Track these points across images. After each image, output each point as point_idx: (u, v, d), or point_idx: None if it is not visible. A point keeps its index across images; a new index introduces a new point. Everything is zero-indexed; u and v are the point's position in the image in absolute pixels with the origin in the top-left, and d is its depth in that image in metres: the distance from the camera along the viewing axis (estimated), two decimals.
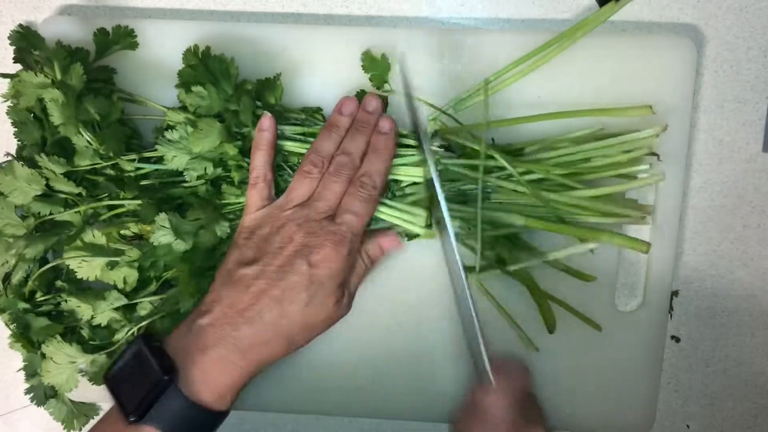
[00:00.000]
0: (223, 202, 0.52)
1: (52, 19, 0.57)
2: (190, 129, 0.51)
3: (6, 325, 0.54)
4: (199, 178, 0.51)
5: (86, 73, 0.51)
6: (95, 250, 0.52)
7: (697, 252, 0.57)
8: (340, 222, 0.48)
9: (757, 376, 0.57)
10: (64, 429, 0.57)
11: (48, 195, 0.52)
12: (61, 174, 0.51)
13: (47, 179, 0.51)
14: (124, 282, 0.52)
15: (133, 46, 0.54)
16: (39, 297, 0.54)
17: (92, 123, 0.51)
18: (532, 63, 0.51)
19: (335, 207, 0.49)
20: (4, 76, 0.52)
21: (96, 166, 0.52)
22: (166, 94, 0.54)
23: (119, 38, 0.54)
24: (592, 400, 0.57)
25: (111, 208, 0.53)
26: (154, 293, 0.53)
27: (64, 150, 0.52)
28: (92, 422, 0.59)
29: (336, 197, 0.49)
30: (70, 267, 0.52)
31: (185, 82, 0.51)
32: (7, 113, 0.52)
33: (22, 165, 0.51)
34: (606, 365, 0.56)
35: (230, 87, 0.50)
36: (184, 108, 0.52)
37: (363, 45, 0.54)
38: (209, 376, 0.45)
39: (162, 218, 0.49)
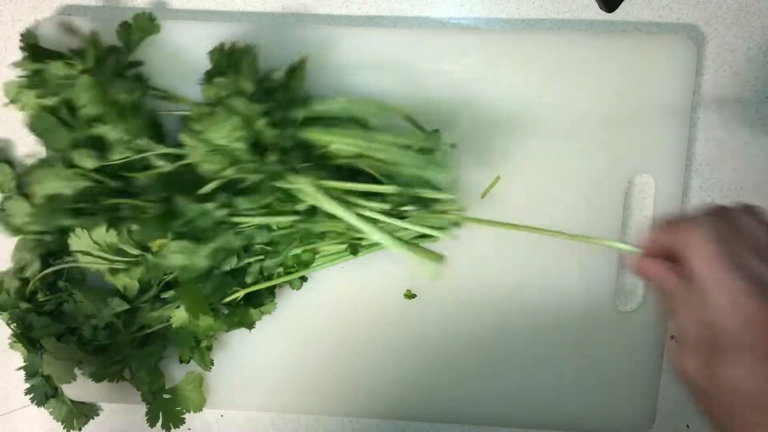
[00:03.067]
0: (236, 220, 0.50)
1: (52, 19, 0.57)
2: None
3: (6, 324, 0.54)
4: (215, 178, 0.49)
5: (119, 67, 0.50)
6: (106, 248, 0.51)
7: None
8: None
9: None
10: (64, 429, 0.57)
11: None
12: (93, 170, 0.49)
13: (77, 178, 0.50)
14: (125, 289, 0.52)
15: (155, 29, 0.53)
16: (41, 297, 0.54)
17: (117, 106, 0.49)
18: None
19: None
20: (16, 65, 0.50)
21: (126, 159, 0.50)
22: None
23: (142, 25, 0.53)
24: (592, 400, 0.57)
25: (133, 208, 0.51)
26: (156, 296, 0.53)
27: (95, 147, 0.50)
28: (92, 422, 0.59)
29: None
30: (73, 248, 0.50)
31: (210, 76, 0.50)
32: (29, 125, 0.50)
33: (50, 166, 0.50)
34: (606, 365, 0.56)
35: (252, 77, 0.49)
36: (210, 105, 0.50)
37: (363, 45, 0.54)
38: None
39: (179, 245, 0.48)
